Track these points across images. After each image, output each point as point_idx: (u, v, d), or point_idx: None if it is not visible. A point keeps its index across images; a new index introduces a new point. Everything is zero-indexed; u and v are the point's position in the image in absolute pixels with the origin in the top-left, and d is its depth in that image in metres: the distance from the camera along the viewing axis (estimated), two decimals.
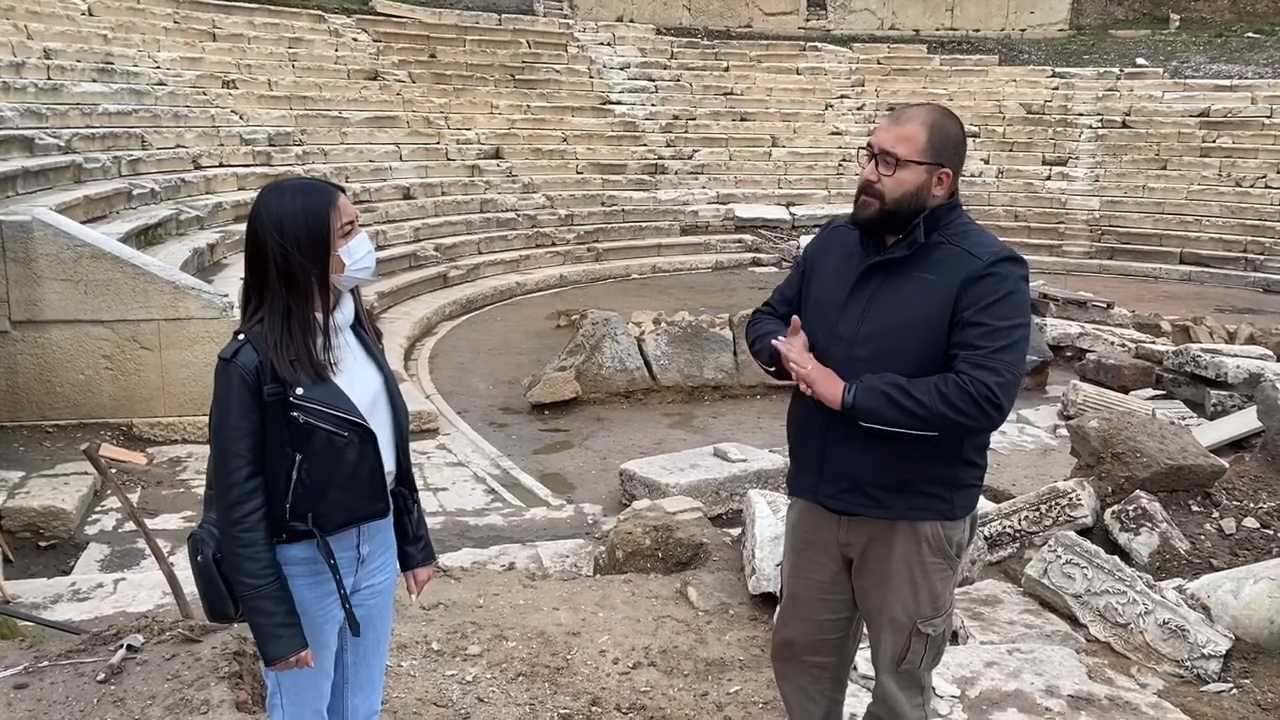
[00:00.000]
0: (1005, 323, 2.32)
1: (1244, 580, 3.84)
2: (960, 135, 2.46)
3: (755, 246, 18.47)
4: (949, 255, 2.38)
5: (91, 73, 12.83)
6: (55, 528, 5.71)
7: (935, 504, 2.44)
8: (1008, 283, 2.35)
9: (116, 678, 2.94)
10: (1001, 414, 2.31)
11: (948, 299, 2.35)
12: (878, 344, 2.39)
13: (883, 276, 2.43)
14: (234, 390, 2.18)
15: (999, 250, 2.38)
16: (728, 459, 6.72)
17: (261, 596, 2.20)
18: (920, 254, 2.40)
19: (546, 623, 3.93)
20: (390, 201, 15.79)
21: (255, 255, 2.24)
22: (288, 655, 2.24)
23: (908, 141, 2.38)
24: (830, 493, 2.50)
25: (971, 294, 2.33)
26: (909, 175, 2.38)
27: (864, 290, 2.44)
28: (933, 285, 2.37)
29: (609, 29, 22.82)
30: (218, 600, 2.25)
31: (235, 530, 2.19)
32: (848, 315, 2.45)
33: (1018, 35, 25.21)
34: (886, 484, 2.42)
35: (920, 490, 2.42)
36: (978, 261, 2.35)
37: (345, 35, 18.83)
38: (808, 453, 2.55)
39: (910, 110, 2.45)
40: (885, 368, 2.37)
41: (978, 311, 2.32)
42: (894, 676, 2.58)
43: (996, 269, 2.34)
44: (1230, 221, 18.47)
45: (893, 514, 2.45)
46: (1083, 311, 12.97)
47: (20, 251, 6.98)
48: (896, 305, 2.40)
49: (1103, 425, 5.01)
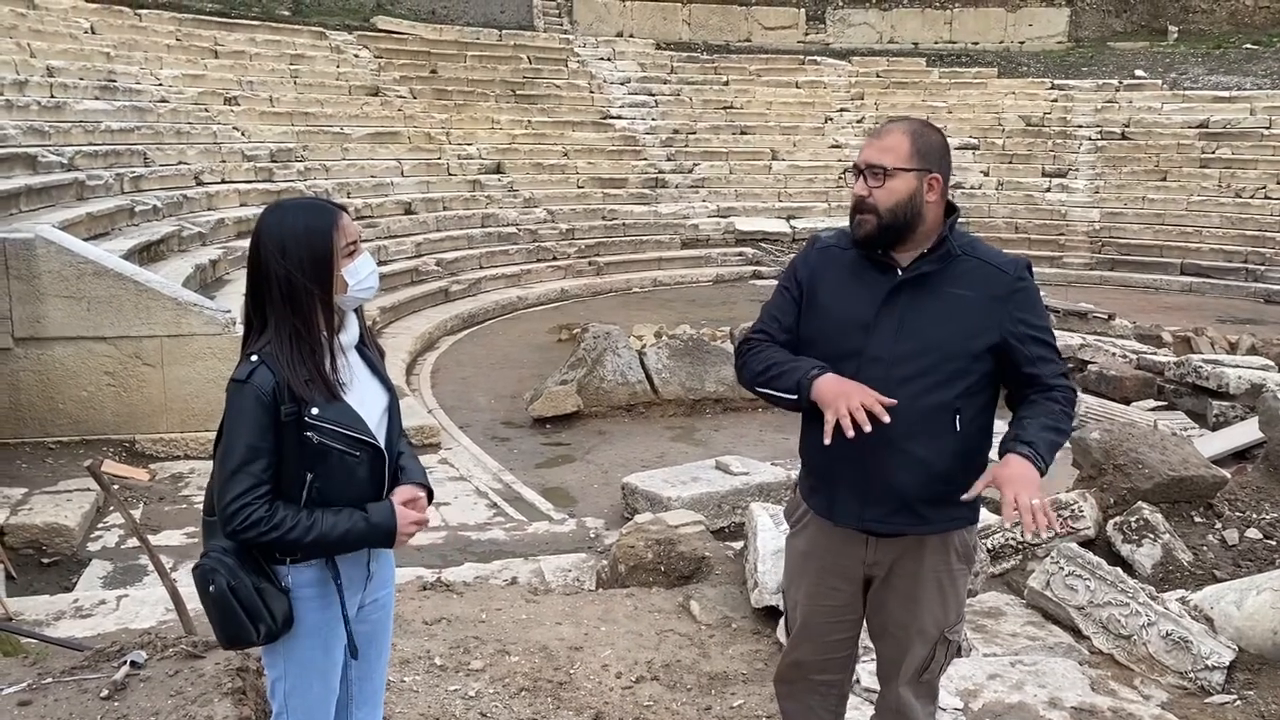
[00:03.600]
0: (1048, 327, 2.53)
1: (1247, 591, 3.84)
2: (943, 142, 2.48)
3: (756, 259, 18.51)
4: (971, 268, 2.43)
5: (94, 90, 12.89)
6: (58, 544, 5.71)
7: (966, 511, 2.49)
8: (1034, 291, 2.51)
9: (120, 694, 2.93)
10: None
11: (983, 313, 2.41)
12: (917, 362, 2.38)
13: (910, 293, 2.42)
14: (251, 411, 2.14)
15: (1017, 260, 2.51)
16: (730, 472, 6.71)
17: (332, 540, 2.19)
18: (944, 269, 2.43)
19: (549, 637, 3.92)
20: (392, 217, 15.83)
21: (258, 277, 2.22)
22: (390, 523, 2.24)
23: (892, 151, 2.41)
24: (877, 516, 2.45)
25: (1017, 307, 2.44)
26: (899, 183, 2.40)
27: (893, 308, 2.41)
28: (964, 300, 2.41)
29: (609, 44, 22.91)
30: (237, 627, 2.18)
31: (268, 536, 2.15)
32: (879, 335, 2.40)
33: (1016, 48, 25.29)
34: (930, 499, 2.43)
35: (954, 500, 2.42)
36: (1005, 275, 2.45)
37: (347, 52, 18.91)
38: (850, 479, 2.45)
39: (890, 124, 2.49)
40: (925, 385, 2.37)
41: (1030, 326, 2.45)
42: (913, 687, 2.59)
43: (1024, 280, 2.47)
44: (1230, 232, 18.49)
45: (934, 528, 2.47)
46: (1084, 323, 12.98)
47: (23, 269, 7.01)
48: (930, 322, 2.40)
49: (1104, 437, 5.02)
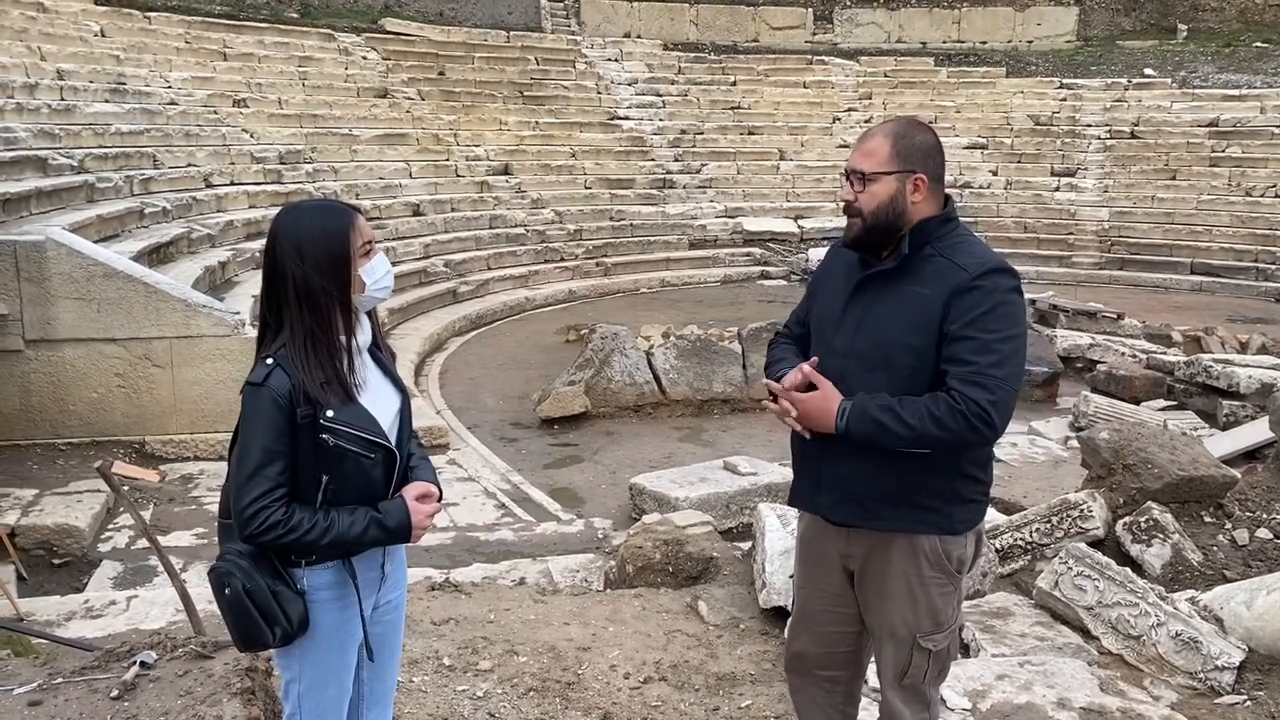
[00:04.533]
0: (994, 335, 2.30)
1: (1257, 591, 3.82)
2: (932, 141, 2.48)
3: (763, 260, 18.50)
4: (939, 268, 2.40)
5: (104, 93, 12.95)
6: (69, 545, 5.74)
7: (932, 517, 2.43)
8: (995, 295, 2.33)
9: (130, 694, 2.95)
10: (995, 431, 2.29)
11: (936, 312, 2.35)
12: (869, 357, 2.42)
13: (875, 290, 2.46)
14: (267, 415, 2.14)
15: (987, 261, 2.38)
16: (737, 472, 6.71)
17: (349, 540, 2.20)
18: (910, 267, 2.42)
19: (557, 638, 3.93)
20: (400, 218, 15.87)
21: (274, 279, 2.21)
22: (404, 520, 2.24)
23: (872, 156, 2.44)
24: (827, 504, 2.53)
25: (959, 307, 2.33)
26: (879, 187, 2.42)
27: (857, 304, 2.48)
28: (922, 298, 2.38)
29: (616, 45, 22.94)
30: (253, 629, 2.17)
31: (286, 539, 2.15)
32: (843, 329, 2.48)
33: (1025, 47, 25.24)
34: (881, 496, 2.43)
35: (916, 503, 2.42)
36: (964, 274, 2.35)
37: (355, 54, 18.97)
38: (805, 466, 2.58)
39: (874, 128, 2.53)
40: (877, 380, 2.39)
41: (965, 325, 2.31)
42: (898, 691, 2.57)
43: (983, 281, 2.34)
44: (1240, 231, 18.42)
45: (889, 526, 2.45)
46: (1093, 322, 12.94)
47: (34, 271, 7.05)
48: (887, 318, 2.42)
49: (1114, 436, 5.00)
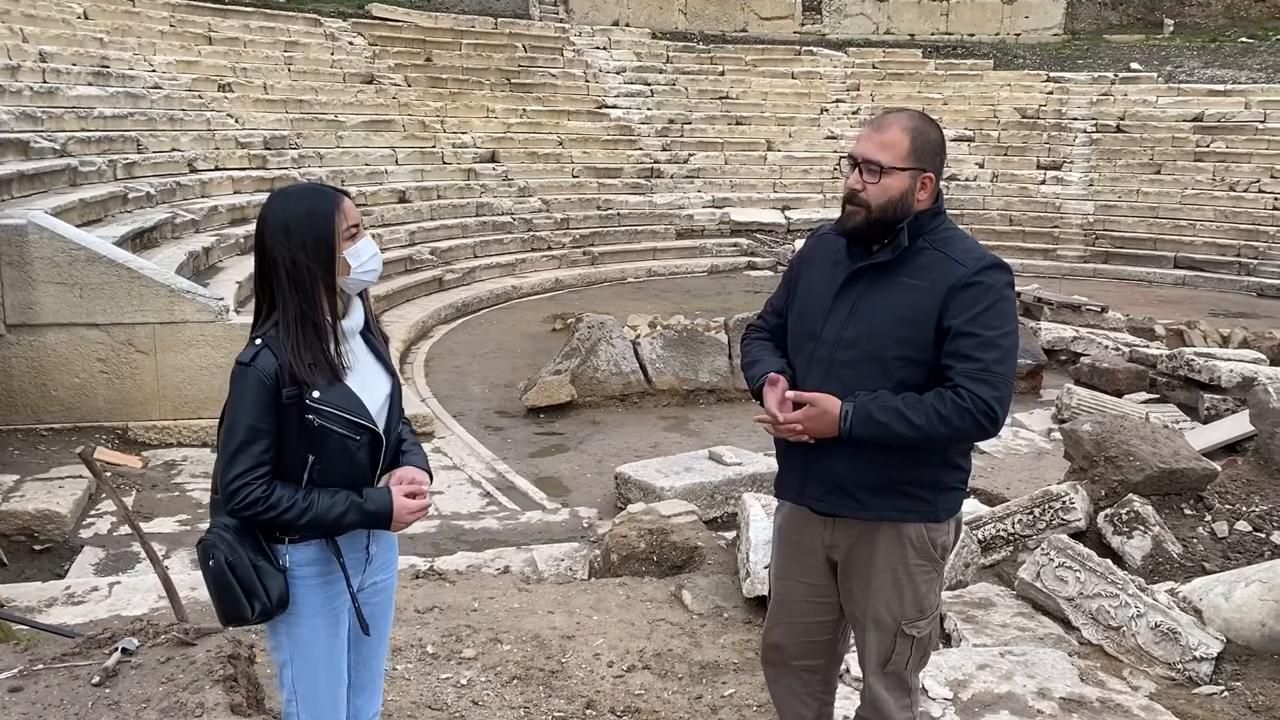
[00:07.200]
0: (996, 331, 2.33)
1: (1236, 583, 3.86)
2: (940, 140, 2.48)
3: (751, 250, 18.49)
4: (934, 261, 2.40)
5: (87, 76, 12.82)
6: (50, 531, 5.70)
7: (918, 505, 2.46)
8: (994, 291, 2.36)
9: (111, 681, 2.93)
10: (997, 427, 2.33)
11: (933, 305, 2.36)
12: (861, 348, 2.42)
13: (868, 281, 2.46)
14: (253, 393, 2.19)
15: (984, 257, 2.40)
16: (723, 462, 6.72)
17: (327, 522, 2.24)
18: (905, 259, 2.42)
19: (541, 626, 3.94)
20: (386, 205, 15.79)
21: (264, 261, 2.27)
22: (385, 509, 2.29)
23: (890, 148, 2.40)
24: (815, 494, 2.53)
25: (959, 302, 2.34)
26: (893, 182, 2.40)
27: (849, 294, 2.47)
28: (918, 291, 2.38)
29: (605, 33, 22.84)
30: (233, 604, 2.22)
31: (265, 515, 2.19)
32: (833, 319, 2.47)
33: (1012, 40, 25.27)
34: (869, 486, 2.45)
35: (903, 492, 2.44)
36: (963, 269, 2.36)
37: (341, 39, 18.83)
38: (793, 457, 2.57)
39: (890, 116, 2.47)
40: (867, 372, 2.39)
41: (968, 321, 2.33)
42: (881, 678, 2.59)
43: (982, 276, 2.36)
44: (1224, 226, 18.51)
45: (876, 515, 2.47)
46: (1077, 315, 13.00)
47: (15, 255, 6.98)
48: (881, 310, 2.42)
49: (1096, 429, 5.04)
